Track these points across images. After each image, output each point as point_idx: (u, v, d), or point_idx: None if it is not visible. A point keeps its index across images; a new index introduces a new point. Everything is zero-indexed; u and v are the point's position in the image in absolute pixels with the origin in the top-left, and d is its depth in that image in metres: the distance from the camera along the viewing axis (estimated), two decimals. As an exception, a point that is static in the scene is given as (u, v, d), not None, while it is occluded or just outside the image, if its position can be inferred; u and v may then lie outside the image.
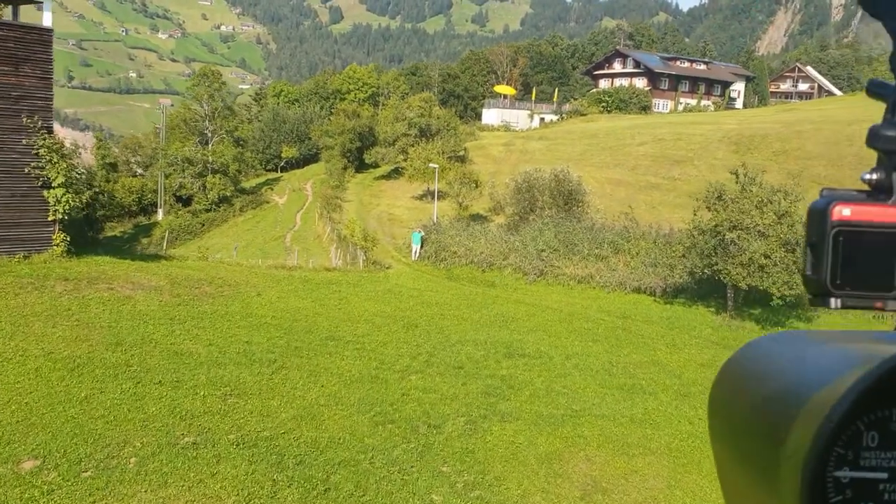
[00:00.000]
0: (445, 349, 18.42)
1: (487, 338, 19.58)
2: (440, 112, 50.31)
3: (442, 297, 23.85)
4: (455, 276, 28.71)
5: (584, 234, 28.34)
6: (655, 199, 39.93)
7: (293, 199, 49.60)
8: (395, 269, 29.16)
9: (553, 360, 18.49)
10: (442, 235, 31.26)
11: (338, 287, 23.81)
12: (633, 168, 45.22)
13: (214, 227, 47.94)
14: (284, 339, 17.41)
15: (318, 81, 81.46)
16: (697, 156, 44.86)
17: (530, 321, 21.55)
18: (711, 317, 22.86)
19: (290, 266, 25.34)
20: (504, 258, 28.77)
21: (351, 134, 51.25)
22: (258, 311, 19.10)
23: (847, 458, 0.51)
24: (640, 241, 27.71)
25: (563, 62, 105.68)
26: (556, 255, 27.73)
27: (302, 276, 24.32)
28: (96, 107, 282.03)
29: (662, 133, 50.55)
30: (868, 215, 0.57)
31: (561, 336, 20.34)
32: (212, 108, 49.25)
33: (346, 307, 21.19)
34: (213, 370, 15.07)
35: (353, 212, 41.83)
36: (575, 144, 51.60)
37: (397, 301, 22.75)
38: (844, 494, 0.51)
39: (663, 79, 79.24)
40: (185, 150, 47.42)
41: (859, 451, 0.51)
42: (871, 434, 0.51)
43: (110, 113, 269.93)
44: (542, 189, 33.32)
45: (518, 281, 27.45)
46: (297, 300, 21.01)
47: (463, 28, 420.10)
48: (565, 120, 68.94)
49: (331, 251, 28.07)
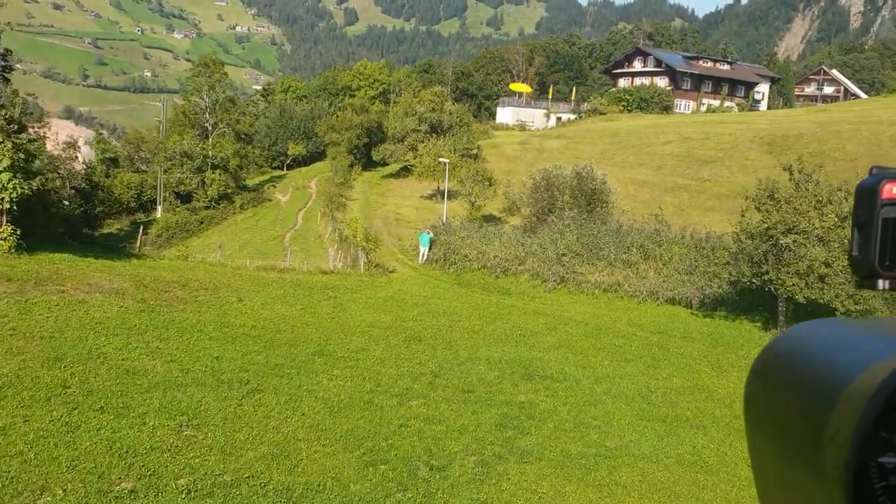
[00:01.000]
0: (453, 368, 15.67)
1: (502, 355, 16.81)
2: (452, 107, 47.59)
3: (450, 306, 21.11)
4: (465, 282, 25.97)
5: (610, 237, 25.50)
6: (684, 201, 37.01)
7: (296, 198, 47.04)
8: (400, 272, 26.46)
9: (580, 383, 15.69)
10: (452, 237, 28.54)
11: (333, 292, 21.13)
12: (658, 168, 42.31)
13: (213, 226, 45.45)
14: (263, 355, 14.71)
15: (328, 78, 79.02)
16: (728, 156, 41.88)
17: (551, 336, 18.75)
18: (759, 333, 19.94)
19: (281, 268, 22.70)
20: (520, 263, 26.00)
21: (358, 130, 48.66)
22: (236, 321, 16.43)
23: (892, 442, 0.49)
24: (673, 246, 24.84)
25: (581, 62, 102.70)
26: (579, 260, 24.92)
27: (294, 280, 21.65)
28: (111, 105, 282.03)
29: (688, 132, 47.59)
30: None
31: (588, 354, 17.53)
32: (212, 100, 46.75)
33: (341, 316, 18.49)
34: (169, 393, 12.38)
35: (358, 211, 39.19)
36: (595, 143, 48.73)
37: (399, 310, 20.03)
38: (888, 480, 0.49)
39: (686, 78, 76.17)
40: (184, 144, 44.94)
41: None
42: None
43: (125, 112, 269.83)
44: (563, 188, 30.52)
45: (536, 289, 24.66)
46: (285, 307, 18.32)
47: (478, 31, 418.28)
48: (584, 119, 66.03)
49: (329, 252, 25.46)
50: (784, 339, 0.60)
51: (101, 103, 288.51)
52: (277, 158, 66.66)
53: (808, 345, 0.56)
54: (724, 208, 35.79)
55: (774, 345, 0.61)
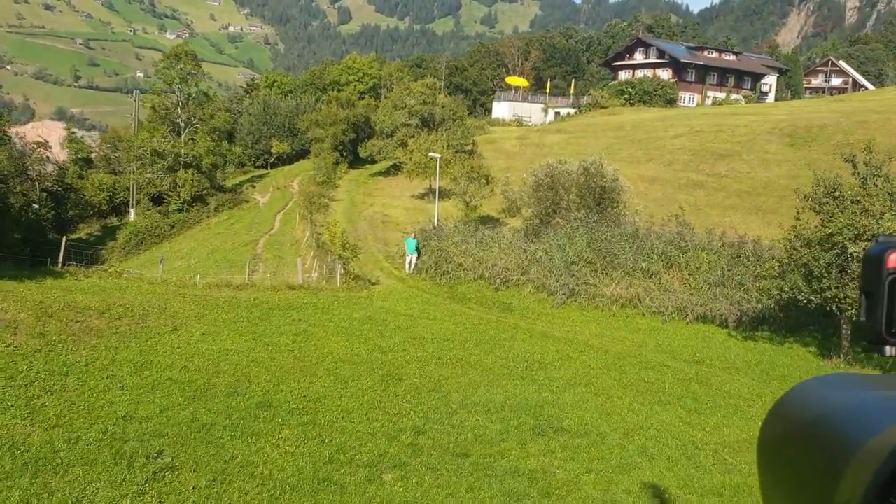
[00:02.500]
0: (442, 421, 12.06)
1: (505, 399, 13.20)
2: (445, 100, 43.98)
3: (441, 329, 17.49)
4: (460, 296, 22.37)
5: (626, 242, 21.92)
6: (700, 199, 33.46)
7: (277, 198, 43.36)
8: (384, 285, 22.84)
9: (606, 438, 12.09)
10: (444, 242, 24.92)
11: (299, 314, 17.49)
12: (668, 163, 38.75)
13: (186, 230, 41.78)
14: (189, 410, 11.09)
15: (315, 72, 75.25)
16: (745, 149, 38.34)
17: (565, 368, 15.15)
18: (817, 361, 16.35)
19: (237, 284, 19.06)
20: (523, 273, 22.42)
21: (344, 125, 44.99)
22: (163, 360, 12.79)
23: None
24: (701, 253, 21.27)
25: (578, 55, 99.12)
26: (591, 269, 21.34)
27: (251, 300, 18.00)
28: (103, 106, 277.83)
29: (699, 124, 44.04)
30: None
31: (612, 394, 13.93)
32: (185, 94, 43.01)
33: (303, 348, 14.86)
34: (40, 479, 8.76)
35: (342, 213, 35.57)
36: (598, 137, 45.16)
37: (378, 336, 16.40)
38: None
39: (690, 70, 72.59)
40: (153, 142, 41.20)
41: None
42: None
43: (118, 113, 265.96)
44: (568, 185, 26.94)
45: (542, 303, 21.04)
46: (232, 338, 14.69)
47: (472, 29, 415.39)
48: (584, 113, 62.42)
49: (297, 263, 21.87)
50: (793, 396, 0.61)
51: (94, 104, 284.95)
52: (261, 157, 62.96)
53: (817, 404, 0.56)
54: (747, 206, 32.29)
55: (784, 400, 0.61)
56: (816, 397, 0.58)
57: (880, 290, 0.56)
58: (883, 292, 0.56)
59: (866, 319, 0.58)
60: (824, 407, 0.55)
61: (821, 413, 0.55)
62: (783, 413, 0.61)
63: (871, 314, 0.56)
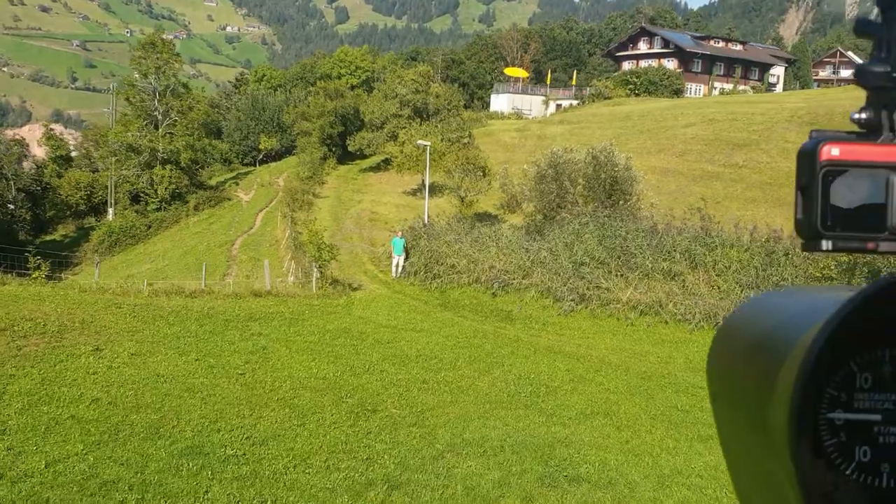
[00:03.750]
0: (425, 467, 9.28)
1: (505, 435, 10.42)
2: (440, 89, 41.13)
3: (428, 344, 14.71)
4: (452, 303, 19.57)
5: (643, 239, 19.14)
6: (718, 192, 30.69)
7: (260, 196, 40.58)
8: (367, 290, 20.05)
9: (637, 489, 9.30)
10: (435, 242, 22.10)
11: (261, 326, 14.72)
12: (681, 154, 35.98)
13: (163, 230, 39.02)
14: (87, 462, 8.30)
15: (306, 65, 72.41)
16: (763, 138, 35.58)
17: (578, 393, 12.36)
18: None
19: (191, 290, 16.29)
20: (525, 275, 19.62)
21: (332, 117, 42.18)
22: (68, 391, 10.02)
23: (840, 400, 0.51)
24: (731, 250, 18.51)
25: (579, 48, 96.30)
26: (604, 270, 18.54)
27: (204, 309, 15.20)
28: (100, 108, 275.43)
29: (711, 113, 41.28)
30: (857, 154, 0.56)
31: (638, 427, 11.15)
32: (161, 86, 40.18)
33: (258, 370, 12.09)
34: None
35: (327, 210, 32.85)
36: (604, 127, 42.36)
37: (353, 353, 13.62)
38: (839, 437, 0.51)
39: (696, 60, 69.75)
40: (128, 136, 38.39)
41: (853, 393, 0.51)
42: (865, 376, 0.51)
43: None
44: (575, 176, 24.17)
45: (547, 311, 18.22)
46: (169, 359, 11.91)
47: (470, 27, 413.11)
48: (587, 104, 59.61)
49: (265, 265, 19.16)
50: (743, 307, 0.61)
51: (91, 106, 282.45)
52: (249, 154, 60.14)
53: (762, 312, 0.58)
54: (770, 199, 29.51)
55: (733, 313, 0.62)
56: (761, 306, 0.58)
57: (814, 184, 0.56)
58: (817, 186, 0.56)
59: (802, 216, 0.57)
60: (768, 313, 0.56)
61: (764, 318, 0.56)
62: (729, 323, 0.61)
63: (807, 210, 0.57)
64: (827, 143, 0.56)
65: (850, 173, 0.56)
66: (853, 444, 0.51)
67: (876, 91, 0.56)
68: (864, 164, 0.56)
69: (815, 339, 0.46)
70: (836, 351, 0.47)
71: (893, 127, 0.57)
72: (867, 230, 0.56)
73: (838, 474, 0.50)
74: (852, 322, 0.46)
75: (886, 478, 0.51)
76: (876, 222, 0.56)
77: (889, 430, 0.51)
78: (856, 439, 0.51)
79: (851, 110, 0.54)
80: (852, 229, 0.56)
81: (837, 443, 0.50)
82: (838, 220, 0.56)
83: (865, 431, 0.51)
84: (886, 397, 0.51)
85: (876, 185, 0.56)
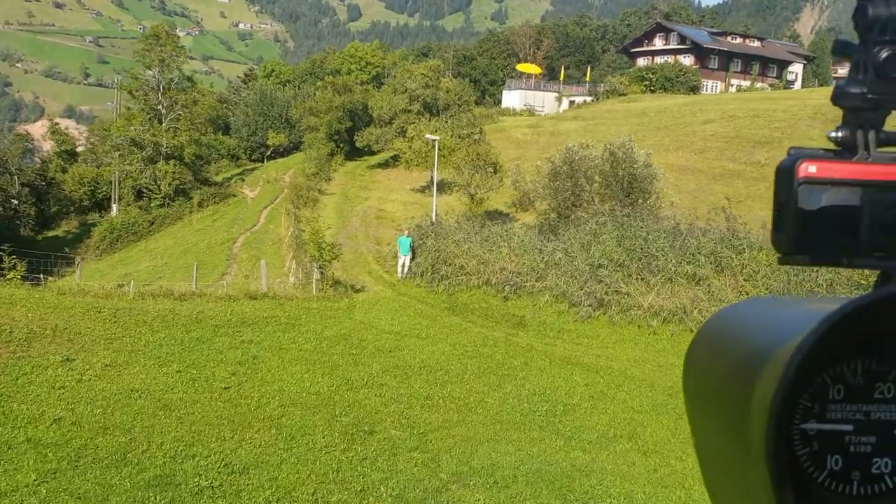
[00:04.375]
0: (426, 500, 8.18)
1: (518, 462, 9.26)
2: (450, 84, 39.94)
3: (434, 353, 13.55)
4: (461, 307, 18.41)
5: (666, 240, 17.90)
6: (739, 191, 29.35)
7: (266, 192, 39.55)
8: (370, 292, 18.91)
9: (669, 532, 8.16)
10: (443, 241, 20.92)
11: (254, 333, 13.62)
12: (701, 151, 34.64)
13: (166, 227, 38.06)
14: (39, 497, 7.24)
15: (315, 61, 71.35)
16: (786, 136, 34.16)
17: (599, 412, 11.16)
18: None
19: (181, 293, 15.20)
20: (538, 278, 18.43)
21: (340, 112, 41.06)
22: (28, 409, 8.92)
23: (813, 410, 0.52)
24: (759, 253, 17.23)
25: (593, 44, 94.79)
26: (623, 273, 17.31)
27: (193, 314, 14.10)
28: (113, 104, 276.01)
29: (731, 109, 39.86)
30: (833, 172, 0.58)
31: (667, 452, 9.95)
32: (165, 79, 39.20)
33: (246, 383, 10.98)
34: None
35: (333, 207, 31.77)
36: (620, 124, 41.00)
37: (351, 363, 12.49)
38: (811, 447, 0.52)
39: (713, 56, 68.13)
40: (130, 130, 37.43)
41: (826, 404, 0.53)
42: (837, 387, 0.53)
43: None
44: (591, 173, 22.95)
45: (562, 316, 17.02)
46: (147, 370, 10.81)
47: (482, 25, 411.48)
48: (601, 101, 58.20)
49: (262, 265, 18.04)
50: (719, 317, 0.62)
51: (103, 102, 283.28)
52: (257, 150, 59.17)
53: (739, 322, 0.58)
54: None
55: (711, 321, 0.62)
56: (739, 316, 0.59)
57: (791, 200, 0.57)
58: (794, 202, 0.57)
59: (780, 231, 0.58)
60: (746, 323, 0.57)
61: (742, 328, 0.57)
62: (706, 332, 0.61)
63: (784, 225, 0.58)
64: (804, 161, 0.58)
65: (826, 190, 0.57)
66: (825, 452, 0.52)
67: (852, 111, 0.58)
68: (840, 182, 0.57)
69: (792, 356, 0.47)
70: (811, 364, 0.48)
71: (868, 146, 0.58)
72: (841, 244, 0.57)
73: (811, 482, 0.52)
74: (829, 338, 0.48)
75: (857, 486, 0.52)
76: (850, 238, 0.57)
77: (860, 439, 0.53)
78: (828, 449, 0.52)
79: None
80: (827, 244, 0.57)
81: (810, 451, 0.52)
82: (814, 235, 0.57)
83: (837, 441, 0.52)
84: (858, 408, 0.53)
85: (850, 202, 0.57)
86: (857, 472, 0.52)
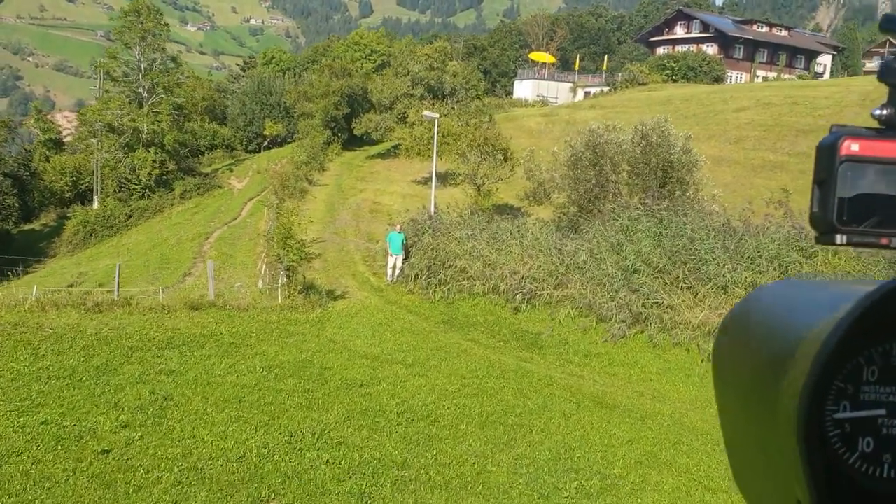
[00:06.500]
0: None
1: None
2: (457, 67, 36.44)
3: (421, 388, 10.08)
4: (461, 319, 14.97)
5: (716, 240, 14.40)
6: (785, 184, 25.64)
7: (255, 183, 36.22)
8: (352, 300, 15.48)
9: None
10: (442, 238, 17.46)
11: (180, 358, 10.23)
12: (736, 141, 31.01)
13: (145, 220, 34.82)
14: None
15: (318, 48, 67.96)
16: (832, 123, 30.42)
17: (652, 488, 7.65)
18: None
19: (98, 301, 11.82)
20: (557, 285, 14.94)
21: (337, 97, 37.64)
22: None
23: (847, 392, 0.51)
24: (833, 258, 13.71)
25: (608, 35, 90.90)
26: (665, 281, 13.81)
27: (102, 331, 10.71)
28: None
29: (767, 96, 36.17)
30: (877, 150, 0.57)
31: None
32: (147, 59, 35.91)
33: (140, 441, 7.58)
34: None
35: (323, 199, 28.38)
36: (642, 112, 37.21)
37: (303, 407, 9.03)
38: (843, 428, 0.51)
39: (738, 46, 64.21)
40: (106, 114, 34.16)
41: (859, 385, 0.52)
42: (872, 369, 0.52)
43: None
44: (618, 160, 19.42)
45: (589, 334, 13.55)
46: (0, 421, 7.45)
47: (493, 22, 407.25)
48: (619, 90, 54.51)
49: (209, 266, 14.70)
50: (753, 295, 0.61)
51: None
52: (254, 140, 55.83)
53: (771, 302, 0.57)
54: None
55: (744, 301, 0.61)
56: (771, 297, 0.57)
57: (832, 179, 0.55)
58: (835, 180, 0.56)
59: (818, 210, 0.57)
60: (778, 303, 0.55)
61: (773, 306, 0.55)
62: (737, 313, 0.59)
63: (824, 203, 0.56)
64: (847, 139, 0.56)
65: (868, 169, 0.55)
66: (857, 434, 0.51)
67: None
68: (883, 161, 0.55)
69: (829, 335, 0.46)
70: (847, 344, 0.47)
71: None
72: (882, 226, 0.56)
73: (842, 463, 0.51)
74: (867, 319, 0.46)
75: (888, 468, 0.51)
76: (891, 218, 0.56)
77: (893, 422, 0.51)
78: (860, 431, 0.51)
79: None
80: (867, 224, 0.56)
81: (841, 434, 0.51)
82: (854, 214, 0.56)
83: (870, 423, 0.51)
84: (892, 390, 0.52)
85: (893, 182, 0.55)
86: (888, 454, 0.51)
